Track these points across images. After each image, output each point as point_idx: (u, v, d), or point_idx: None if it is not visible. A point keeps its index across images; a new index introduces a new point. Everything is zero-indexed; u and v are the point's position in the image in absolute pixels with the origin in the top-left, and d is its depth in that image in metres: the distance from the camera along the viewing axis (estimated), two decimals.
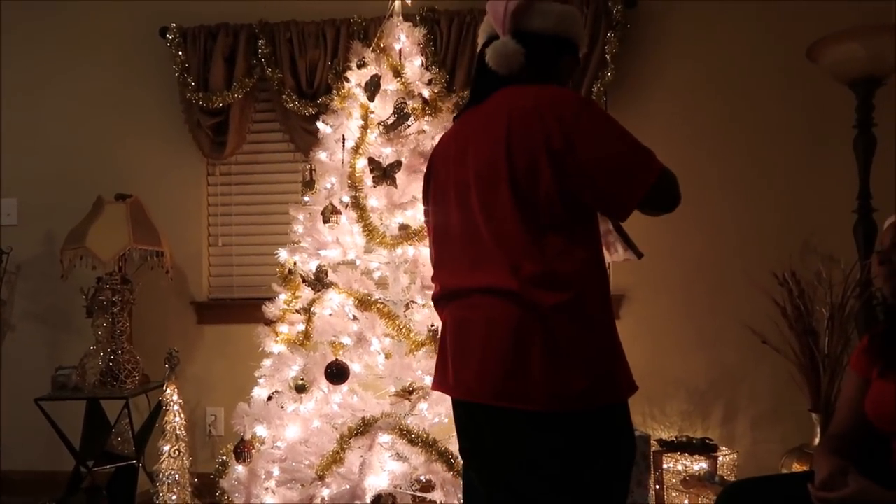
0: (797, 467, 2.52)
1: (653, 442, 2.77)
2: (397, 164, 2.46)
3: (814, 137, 3.06)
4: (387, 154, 2.51)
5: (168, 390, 2.92)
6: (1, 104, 3.45)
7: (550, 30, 1.47)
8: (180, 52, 3.24)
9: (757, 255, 2.99)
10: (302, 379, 2.37)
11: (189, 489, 2.90)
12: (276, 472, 2.38)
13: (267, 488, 2.38)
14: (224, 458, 2.48)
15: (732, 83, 3.11)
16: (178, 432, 2.87)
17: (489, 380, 1.37)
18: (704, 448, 2.79)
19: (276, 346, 2.53)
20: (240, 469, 2.41)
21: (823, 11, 3.01)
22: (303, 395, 2.38)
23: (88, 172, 3.37)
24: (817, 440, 2.61)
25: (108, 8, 3.41)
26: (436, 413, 2.40)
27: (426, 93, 2.62)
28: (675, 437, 2.90)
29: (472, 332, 1.41)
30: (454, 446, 2.24)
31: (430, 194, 1.60)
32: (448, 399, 2.36)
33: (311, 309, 2.46)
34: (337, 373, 2.34)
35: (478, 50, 1.55)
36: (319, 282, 2.45)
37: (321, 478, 2.26)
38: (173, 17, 3.27)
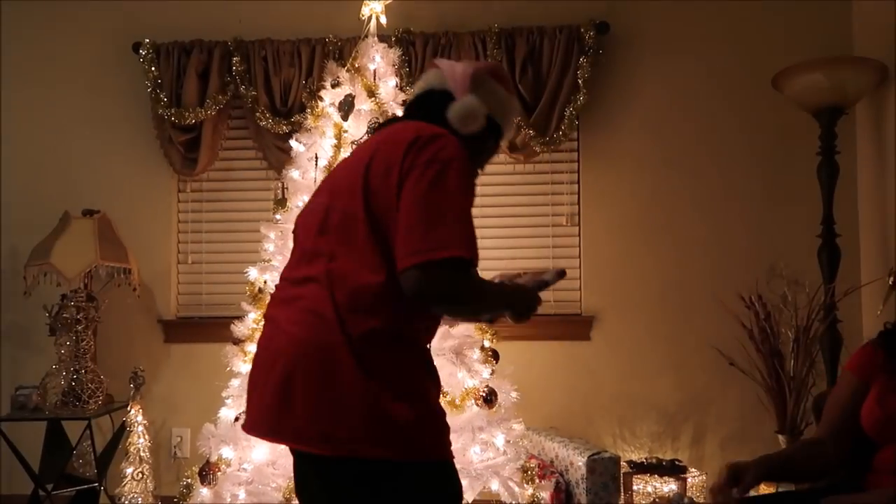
0: (764, 489, 2.54)
1: (623, 463, 2.77)
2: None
3: (779, 163, 3.13)
4: None
5: (132, 411, 2.85)
6: None
7: (487, 112, 1.42)
8: (153, 68, 3.21)
9: (725, 278, 3.04)
10: None
11: None
12: (241, 495, 2.34)
13: None
14: (189, 480, 2.42)
15: (702, 109, 3.18)
16: (141, 454, 2.81)
17: (265, 414, 1.30)
18: (674, 469, 2.80)
19: (244, 366, 2.50)
20: (205, 492, 2.35)
21: (789, 41, 3.10)
22: None
23: (55, 186, 3.31)
24: None
25: (80, 22, 3.37)
26: None
27: (400, 113, 2.63)
28: (645, 459, 2.91)
29: (264, 361, 1.33)
30: None
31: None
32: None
33: None
34: None
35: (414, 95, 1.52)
36: None
37: (288, 501, 2.22)
38: (147, 33, 3.25)
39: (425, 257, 1.19)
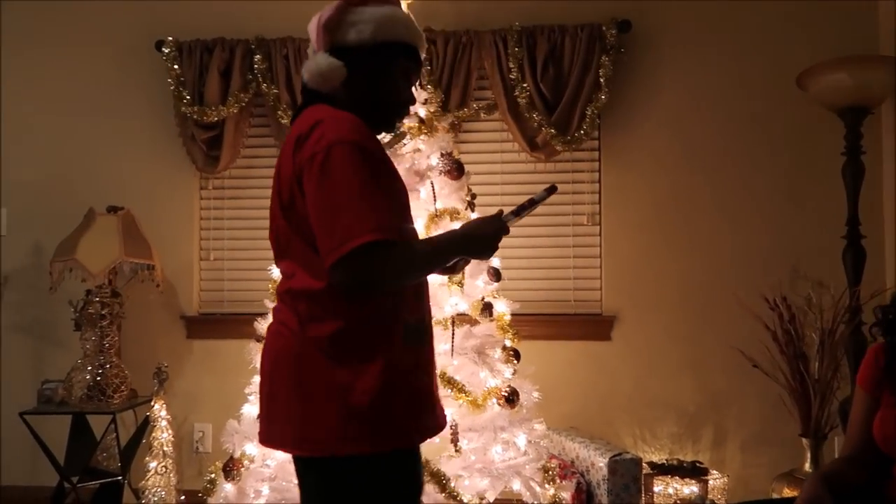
0: (787, 492, 2.53)
1: (644, 465, 2.76)
2: None
3: (803, 163, 3.10)
4: None
5: (156, 406, 2.88)
6: None
7: (370, 41, 1.37)
8: (176, 66, 3.24)
9: (747, 279, 3.02)
10: None
11: None
12: (265, 490, 2.36)
13: None
14: (212, 475, 2.45)
15: (724, 108, 3.15)
16: (165, 448, 2.84)
17: (262, 421, 1.38)
18: (695, 471, 2.79)
19: None
20: (228, 487, 2.38)
21: (813, 40, 3.06)
22: None
23: (80, 183, 3.34)
24: (807, 465, 2.62)
25: (104, 19, 3.40)
26: None
27: (422, 112, 2.64)
28: (666, 460, 2.90)
29: (260, 370, 1.42)
30: (446, 466, 2.24)
31: None
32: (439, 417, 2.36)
33: None
34: None
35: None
36: None
37: None
38: (170, 31, 3.27)
39: (338, 253, 1.21)
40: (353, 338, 1.28)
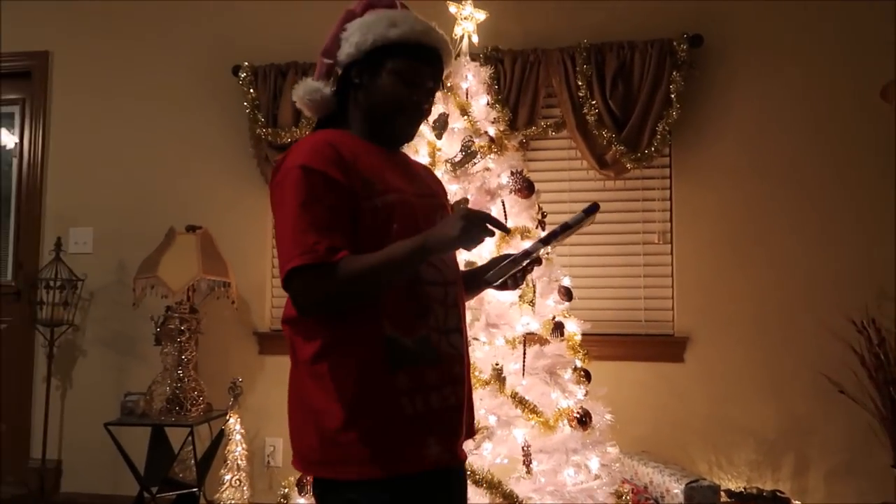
0: None
1: (721, 493, 2.66)
2: (464, 202, 2.48)
3: (888, 179, 2.95)
4: (454, 191, 2.53)
5: (231, 419, 2.95)
6: (79, 138, 3.62)
7: (356, 53, 1.37)
8: (251, 90, 3.35)
9: (830, 300, 2.89)
10: None
11: None
12: None
13: None
14: (286, 489, 2.49)
15: (801, 123, 3.05)
16: (239, 462, 2.90)
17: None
18: (776, 501, 2.68)
19: None
20: (302, 502, 2.41)
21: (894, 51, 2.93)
22: None
23: (160, 204, 3.49)
24: None
25: (183, 46, 3.56)
26: (497, 453, 2.36)
27: (492, 131, 2.65)
28: (744, 488, 2.79)
29: None
30: (518, 487, 2.21)
31: None
32: (511, 438, 2.33)
33: None
34: None
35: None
36: None
37: None
38: (245, 56, 3.40)
39: (281, 281, 1.26)
40: (328, 360, 1.28)
